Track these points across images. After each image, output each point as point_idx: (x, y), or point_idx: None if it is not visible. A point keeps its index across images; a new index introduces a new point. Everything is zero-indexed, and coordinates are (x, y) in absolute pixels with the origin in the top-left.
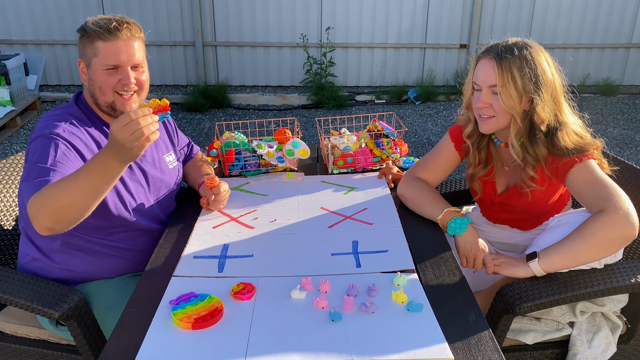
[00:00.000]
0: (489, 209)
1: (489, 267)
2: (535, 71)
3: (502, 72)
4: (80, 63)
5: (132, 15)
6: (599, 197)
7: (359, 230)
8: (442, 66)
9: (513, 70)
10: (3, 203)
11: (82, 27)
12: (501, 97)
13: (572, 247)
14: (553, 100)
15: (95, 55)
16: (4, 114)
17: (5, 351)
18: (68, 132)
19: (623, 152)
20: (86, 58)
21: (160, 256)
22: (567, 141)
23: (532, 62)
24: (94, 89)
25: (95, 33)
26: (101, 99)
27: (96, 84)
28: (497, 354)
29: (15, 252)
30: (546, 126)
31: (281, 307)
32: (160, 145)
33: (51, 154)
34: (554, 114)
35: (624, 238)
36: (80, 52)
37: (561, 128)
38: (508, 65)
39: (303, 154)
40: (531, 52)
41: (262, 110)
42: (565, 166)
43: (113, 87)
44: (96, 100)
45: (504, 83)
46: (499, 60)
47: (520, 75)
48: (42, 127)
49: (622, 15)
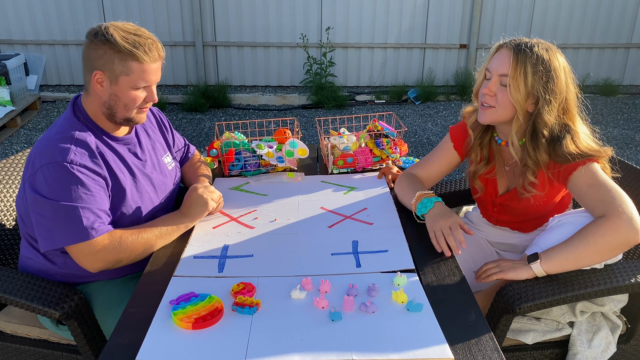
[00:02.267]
0: (489, 210)
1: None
2: (548, 74)
3: (517, 64)
4: (98, 74)
5: (132, 15)
6: (602, 200)
7: (359, 230)
8: (442, 66)
9: (527, 65)
10: (3, 203)
11: (108, 40)
12: (510, 88)
13: (575, 251)
14: (562, 108)
15: (126, 74)
16: (4, 114)
17: (5, 351)
18: (80, 154)
19: (623, 152)
20: (112, 73)
21: (160, 256)
22: (572, 149)
23: (548, 65)
24: (117, 104)
25: (129, 53)
26: (122, 114)
27: (122, 101)
28: (497, 354)
29: (15, 252)
30: (549, 132)
31: (281, 307)
32: (158, 148)
33: (74, 187)
34: (560, 122)
35: (626, 243)
36: (100, 63)
37: (568, 136)
38: (524, 59)
39: (302, 153)
40: (550, 56)
41: (262, 110)
42: (567, 169)
43: (139, 104)
44: (114, 113)
45: (516, 75)
46: (517, 52)
47: (533, 72)
48: (51, 150)
49: (622, 15)
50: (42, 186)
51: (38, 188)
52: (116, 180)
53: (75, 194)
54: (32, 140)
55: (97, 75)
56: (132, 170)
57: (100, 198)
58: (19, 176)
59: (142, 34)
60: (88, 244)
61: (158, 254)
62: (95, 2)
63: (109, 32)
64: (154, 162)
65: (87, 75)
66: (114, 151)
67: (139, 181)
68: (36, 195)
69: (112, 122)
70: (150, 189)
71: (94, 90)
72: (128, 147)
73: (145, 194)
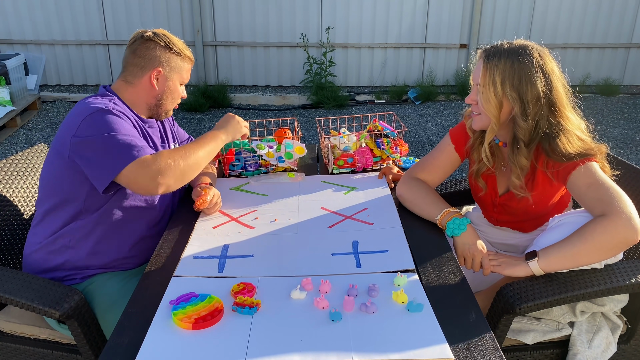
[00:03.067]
0: (489, 210)
1: (486, 269)
2: (520, 80)
3: (486, 73)
4: (157, 71)
5: (132, 15)
6: (601, 200)
7: (359, 230)
8: (442, 66)
9: (495, 74)
10: (4, 203)
11: (167, 45)
12: (480, 98)
13: (573, 249)
14: (547, 109)
15: (179, 72)
16: (4, 113)
17: (5, 351)
18: (119, 106)
19: (623, 152)
20: (169, 70)
21: (160, 256)
22: (569, 148)
23: (519, 71)
24: (166, 96)
25: (186, 56)
26: (168, 106)
27: (173, 94)
28: (497, 354)
29: (15, 252)
30: (529, 136)
31: (281, 307)
32: (169, 136)
33: (121, 124)
34: (549, 122)
35: (625, 242)
36: (160, 61)
37: (561, 135)
38: (492, 67)
39: (299, 151)
40: (527, 59)
41: (262, 110)
42: (567, 168)
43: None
44: (160, 104)
45: (485, 84)
46: (486, 61)
47: (502, 80)
48: (90, 105)
49: (622, 15)
50: (89, 129)
51: (87, 133)
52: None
53: (122, 128)
54: (32, 140)
55: (155, 73)
56: (157, 147)
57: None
58: (19, 176)
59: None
60: (142, 161)
61: (158, 254)
62: (95, 2)
63: (167, 37)
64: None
65: (139, 72)
66: (141, 128)
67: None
68: (84, 139)
69: (152, 112)
70: None
71: (146, 84)
72: (152, 130)
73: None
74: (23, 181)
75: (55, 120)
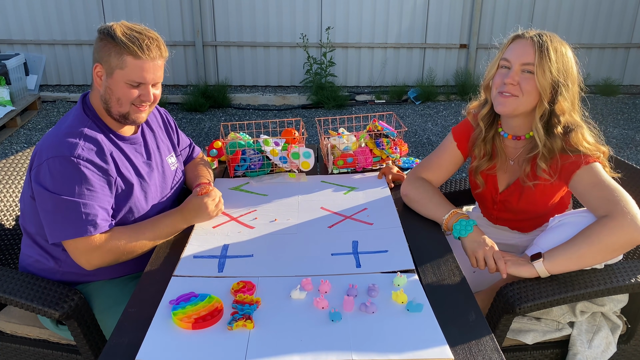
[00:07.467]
0: (489, 208)
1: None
2: (565, 64)
3: (541, 52)
4: (97, 67)
5: (132, 15)
6: (605, 200)
7: (359, 230)
8: (442, 66)
9: (550, 52)
10: (3, 203)
11: (109, 34)
12: (537, 75)
13: (579, 251)
14: (574, 98)
15: (120, 68)
16: (4, 113)
17: (5, 351)
18: (87, 150)
19: (623, 152)
20: (108, 66)
21: (160, 256)
22: (584, 143)
23: (564, 55)
24: (111, 98)
25: (125, 47)
26: (116, 109)
27: (115, 95)
28: (497, 354)
29: (15, 252)
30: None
31: (281, 307)
32: (163, 148)
33: (77, 182)
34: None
35: (631, 243)
36: (100, 56)
37: (577, 129)
38: (547, 47)
39: (305, 166)
40: (565, 47)
41: (262, 110)
42: (571, 166)
43: (132, 100)
44: (109, 108)
45: (542, 63)
46: (539, 42)
47: (556, 59)
48: (59, 144)
49: (622, 15)
50: (46, 179)
51: (42, 181)
52: (123, 179)
53: (78, 190)
54: (32, 140)
55: (97, 68)
56: (138, 170)
57: (103, 195)
58: (19, 176)
59: (145, 32)
60: (85, 240)
61: (158, 253)
62: (95, 2)
63: (113, 27)
64: (157, 162)
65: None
66: (121, 150)
67: (144, 181)
68: (40, 188)
69: (111, 118)
70: (154, 189)
71: (96, 85)
72: (134, 147)
73: (149, 193)
74: (23, 181)
75: (55, 120)
